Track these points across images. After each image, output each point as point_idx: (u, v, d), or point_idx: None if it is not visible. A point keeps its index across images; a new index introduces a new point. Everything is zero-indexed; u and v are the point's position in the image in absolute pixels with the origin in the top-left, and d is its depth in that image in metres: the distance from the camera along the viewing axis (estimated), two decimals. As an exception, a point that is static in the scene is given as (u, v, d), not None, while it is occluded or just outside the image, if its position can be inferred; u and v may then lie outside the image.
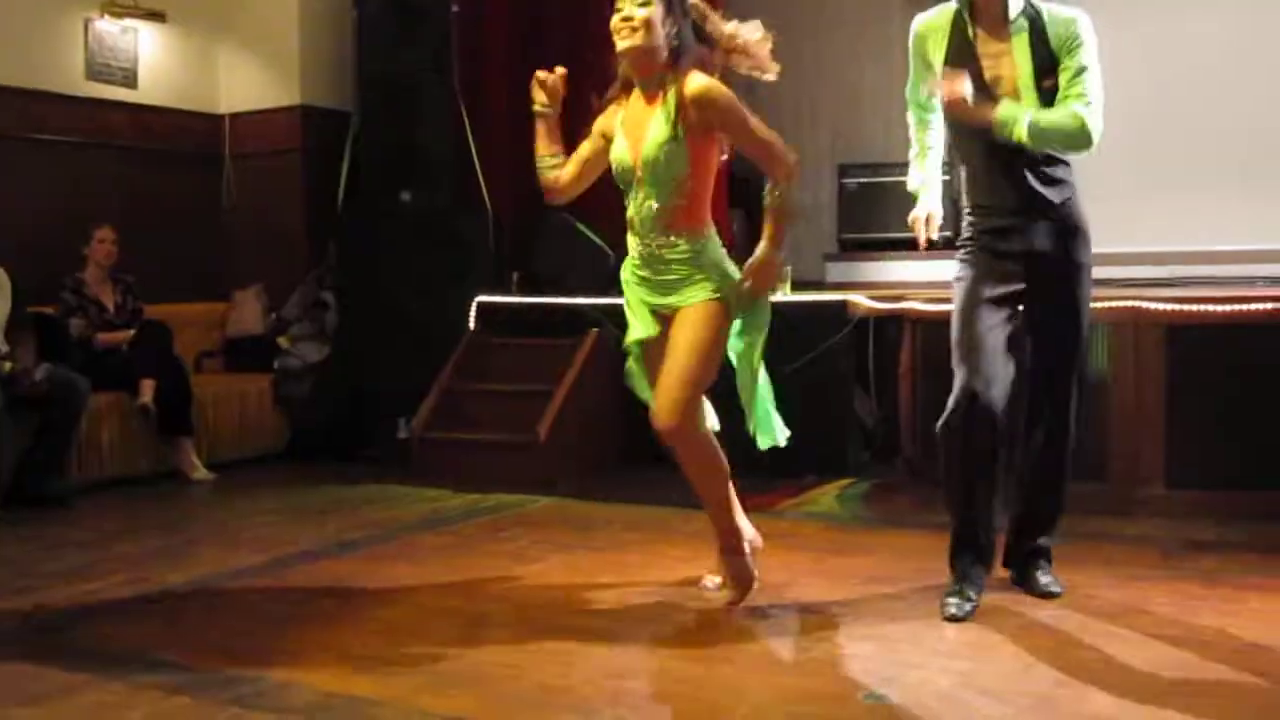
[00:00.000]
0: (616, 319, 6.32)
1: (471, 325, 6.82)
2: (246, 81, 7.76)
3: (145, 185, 7.28)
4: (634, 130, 3.62)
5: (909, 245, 7.54)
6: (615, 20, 3.58)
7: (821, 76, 8.14)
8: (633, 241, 3.71)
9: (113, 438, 6.10)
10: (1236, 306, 5.01)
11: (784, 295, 6.10)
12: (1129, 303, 5.14)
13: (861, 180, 7.57)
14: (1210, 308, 5.03)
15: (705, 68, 3.60)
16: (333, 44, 7.63)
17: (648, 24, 3.51)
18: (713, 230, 3.70)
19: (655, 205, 3.59)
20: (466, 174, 7.33)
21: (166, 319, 6.69)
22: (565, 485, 5.82)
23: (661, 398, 3.55)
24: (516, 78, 7.89)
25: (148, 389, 6.13)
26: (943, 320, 5.73)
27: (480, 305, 6.84)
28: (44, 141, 6.84)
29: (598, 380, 6.31)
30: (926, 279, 7.28)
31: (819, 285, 7.20)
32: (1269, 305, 4.97)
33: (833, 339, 5.93)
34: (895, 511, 5.37)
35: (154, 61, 7.45)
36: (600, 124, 3.77)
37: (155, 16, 7.33)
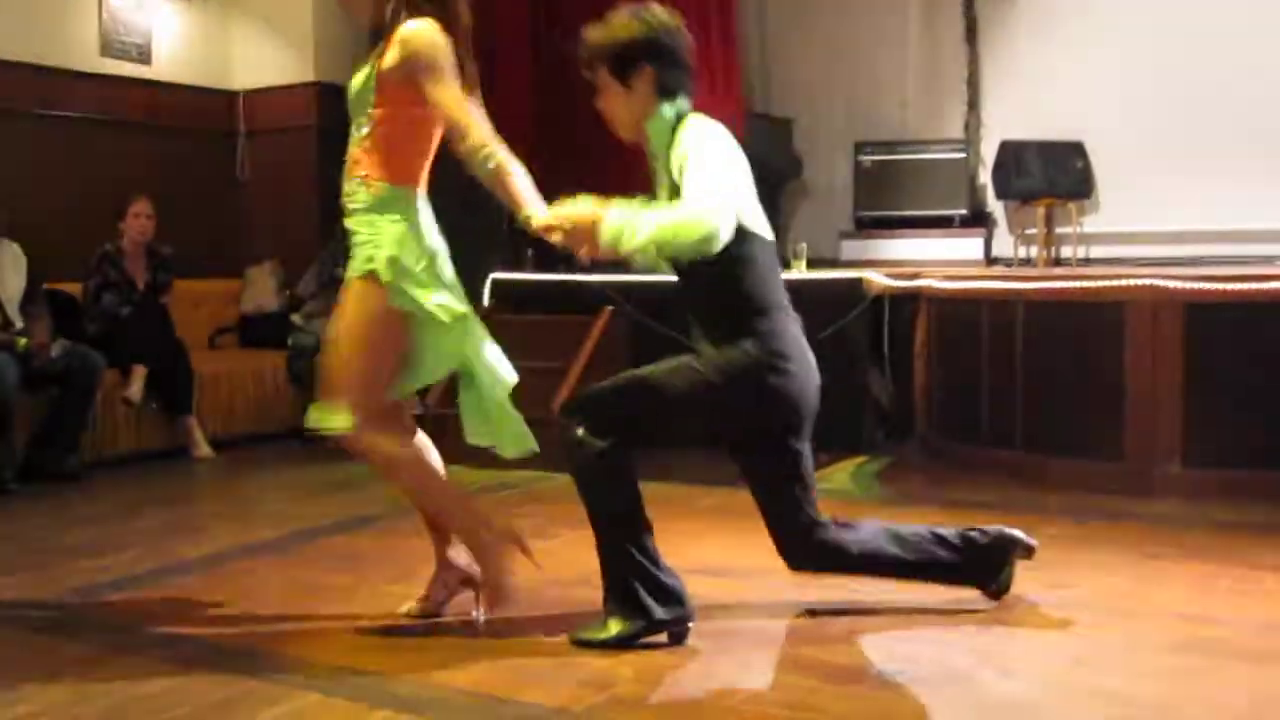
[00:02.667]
0: (632, 295, 6.34)
1: (486, 302, 6.81)
2: (261, 58, 7.76)
3: (159, 162, 7.28)
4: None
5: (924, 223, 7.58)
6: None
7: (837, 55, 8.10)
8: None
9: (126, 413, 6.10)
10: (1255, 285, 4.98)
11: (800, 274, 6.08)
12: (1147, 281, 5.11)
13: (877, 158, 7.55)
14: (1229, 286, 5.00)
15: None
16: (348, 20, 7.58)
17: None
18: (410, 197, 3.42)
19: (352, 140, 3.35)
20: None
21: (181, 295, 6.70)
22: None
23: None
24: (533, 52, 7.92)
25: (138, 377, 6.07)
26: (959, 298, 5.74)
27: (495, 282, 6.83)
28: (58, 118, 6.85)
29: (613, 357, 6.29)
30: (942, 257, 7.27)
31: (834, 263, 7.19)
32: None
33: (848, 317, 5.91)
34: (910, 489, 5.36)
35: (169, 38, 7.45)
36: None
37: (170, -8, 7.34)
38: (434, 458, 3.54)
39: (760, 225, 3.19)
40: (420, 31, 3.23)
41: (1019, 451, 5.41)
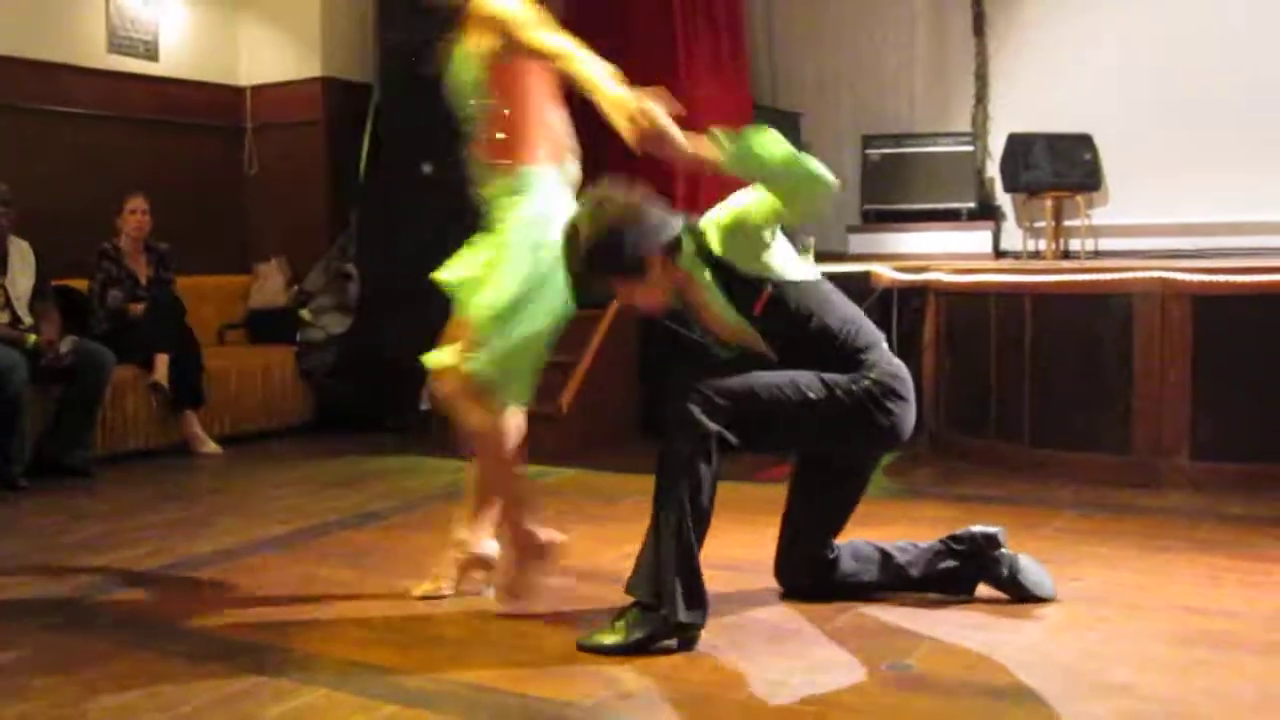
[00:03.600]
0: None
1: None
2: (268, 53, 7.76)
3: (167, 158, 7.29)
4: None
5: (932, 217, 7.57)
6: None
7: (844, 48, 8.09)
8: None
9: (136, 410, 6.12)
10: (1264, 277, 4.96)
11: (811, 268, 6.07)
12: (1156, 273, 5.10)
13: (885, 151, 7.54)
14: (1237, 278, 4.98)
15: None
16: (355, 15, 7.62)
17: None
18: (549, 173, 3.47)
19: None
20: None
21: (189, 291, 6.72)
22: (588, 457, 5.81)
23: None
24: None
25: (162, 364, 6.14)
26: (967, 291, 5.73)
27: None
28: (66, 114, 6.86)
29: (620, 352, 6.31)
30: (950, 250, 7.26)
31: (842, 257, 7.18)
32: (1296, 276, 4.93)
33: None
34: (917, 482, 5.36)
35: (175, 33, 7.46)
36: None
37: (176, -12, 7.34)
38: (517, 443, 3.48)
39: (803, 271, 3.27)
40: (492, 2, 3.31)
41: (1027, 445, 5.40)
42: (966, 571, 3.45)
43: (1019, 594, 3.41)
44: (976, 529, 3.44)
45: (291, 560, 4.10)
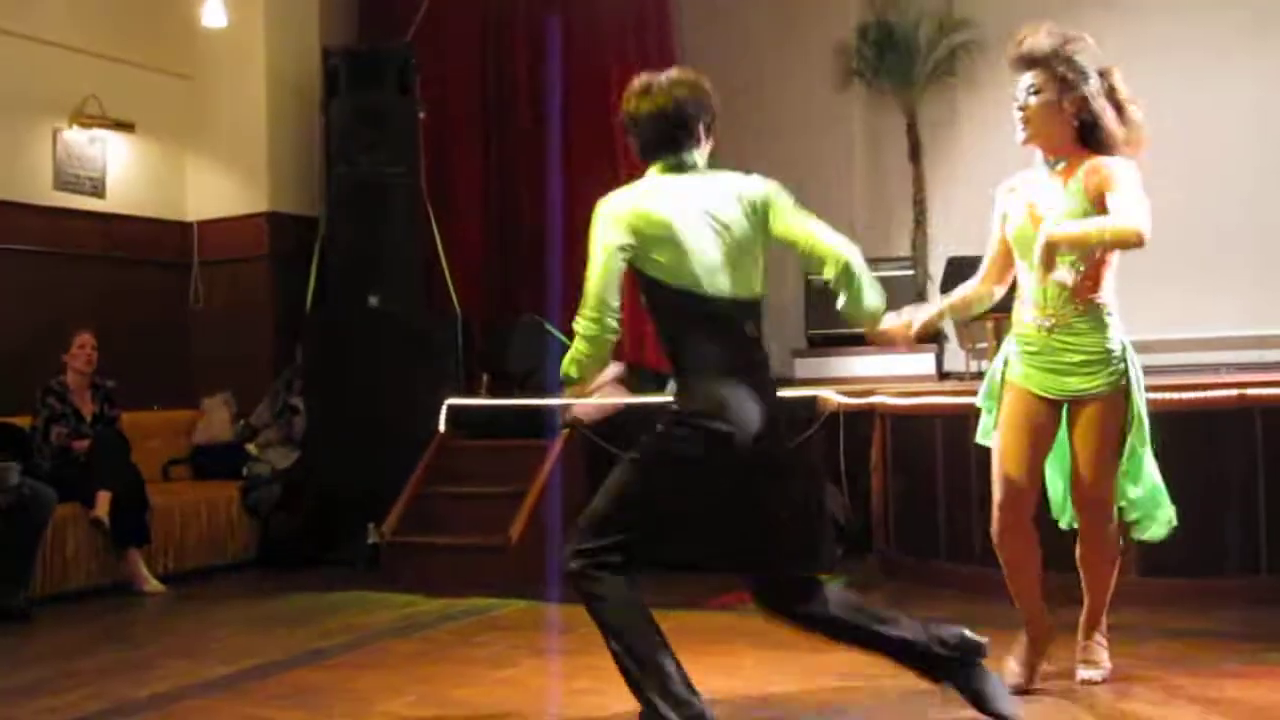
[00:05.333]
0: (590, 419, 6.35)
1: (442, 427, 6.79)
2: (215, 189, 7.81)
3: (114, 294, 7.27)
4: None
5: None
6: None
7: (785, 175, 8.21)
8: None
9: (77, 548, 6.01)
10: (1199, 394, 5.05)
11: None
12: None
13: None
14: (1174, 396, 5.06)
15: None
16: (301, 150, 7.70)
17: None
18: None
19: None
20: (435, 277, 7.38)
21: (134, 426, 6.65)
22: (538, 588, 5.74)
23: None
24: (483, 179, 8.05)
25: (104, 502, 6.03)
26: (913, 414, 5.78)
27: (450, 408, 6.82)
28: (12, 251, 6.84)
29: (571, 480, 6.29)
30: (895, 373, 7.33)
31: (788, 381, 7.22)
32: (1234, 392, 5.02)
33: (804, 434, 5.94)
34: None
35: (123, 170, 7.50)
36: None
37: (124, 126, 7.39)
38: None
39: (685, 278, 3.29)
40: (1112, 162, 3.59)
41: (976, 565, 5.40)
42: (941, 666, 3.39)
43: (983, 708, 3.37)
44: (967, 633, 3.40)
45: (235, 703, 4.00)
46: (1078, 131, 3.62)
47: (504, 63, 8.04)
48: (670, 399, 3.32)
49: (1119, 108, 3.62)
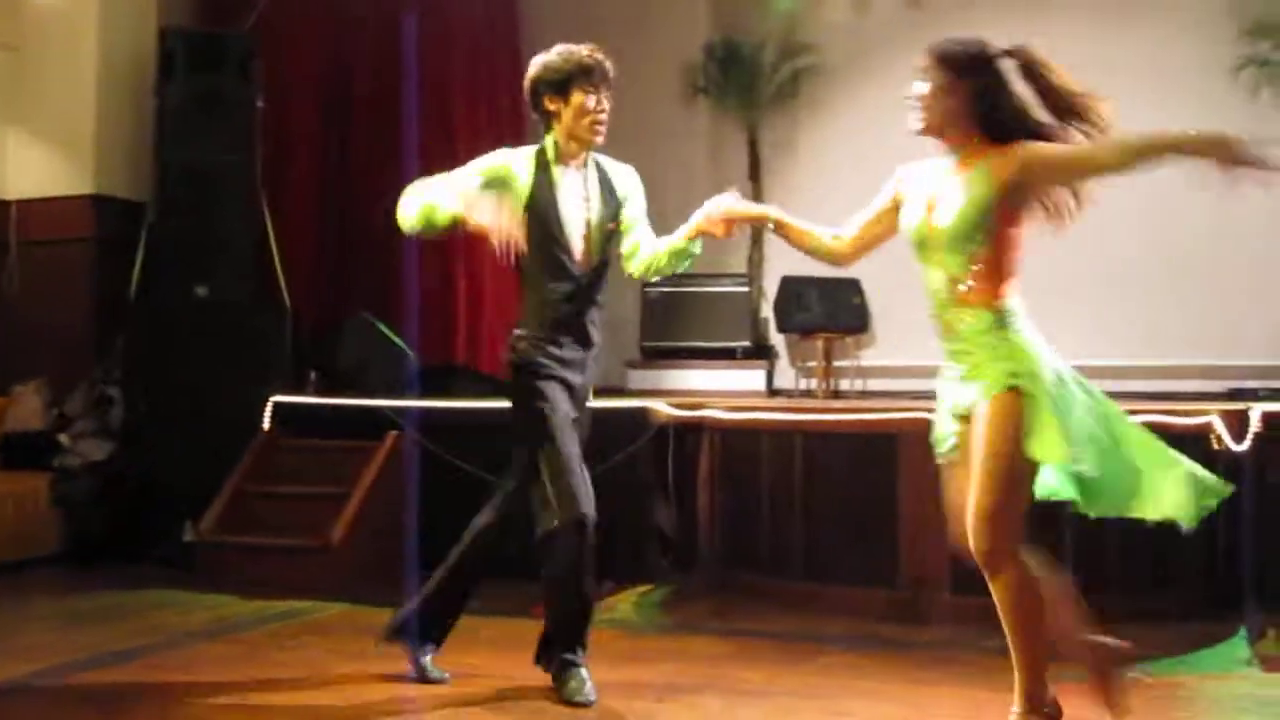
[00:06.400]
0: (415, 420, 6.27)
1: (266, 425, 6.63)
2: (37, 167, 7.47)
3: (-81, 272, 6.92)
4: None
5: (709, 354, 7.76)
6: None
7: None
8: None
9: None
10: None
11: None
12: (918, 414, 5.30)
13: (664, 289, 7.68)
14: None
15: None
16: (131, 133, 7.43)
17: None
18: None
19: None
20: (266, 269, 7.21)
21: (-63, 412, 6.34)
22: (359, 591, 5.65)
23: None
24: (321, 172, 7.90)
25: None
26: (741, 428, 5.86)
27: (276, 405, 6.66)
28: None
29: (397, 483, 6.19)
30: (726, 387, 7.43)
31: (621, 392, 7.25)
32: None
33: (633, 446, 5.96)
34: (692, 618, 5.37)
35: (-65, 142, 7.14)
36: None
37: (-61, 95, 7.04)
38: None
39: None
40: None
41: (797, 580, 5.51)
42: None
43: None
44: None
45: (34, 702, 3.84)
46: (978, 120, 3.27)
47: (349, 55, 7.92)
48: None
49: (1049, 87, 3.26)
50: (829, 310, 7.47)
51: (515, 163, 3.98)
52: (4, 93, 7.47)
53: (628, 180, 4.19)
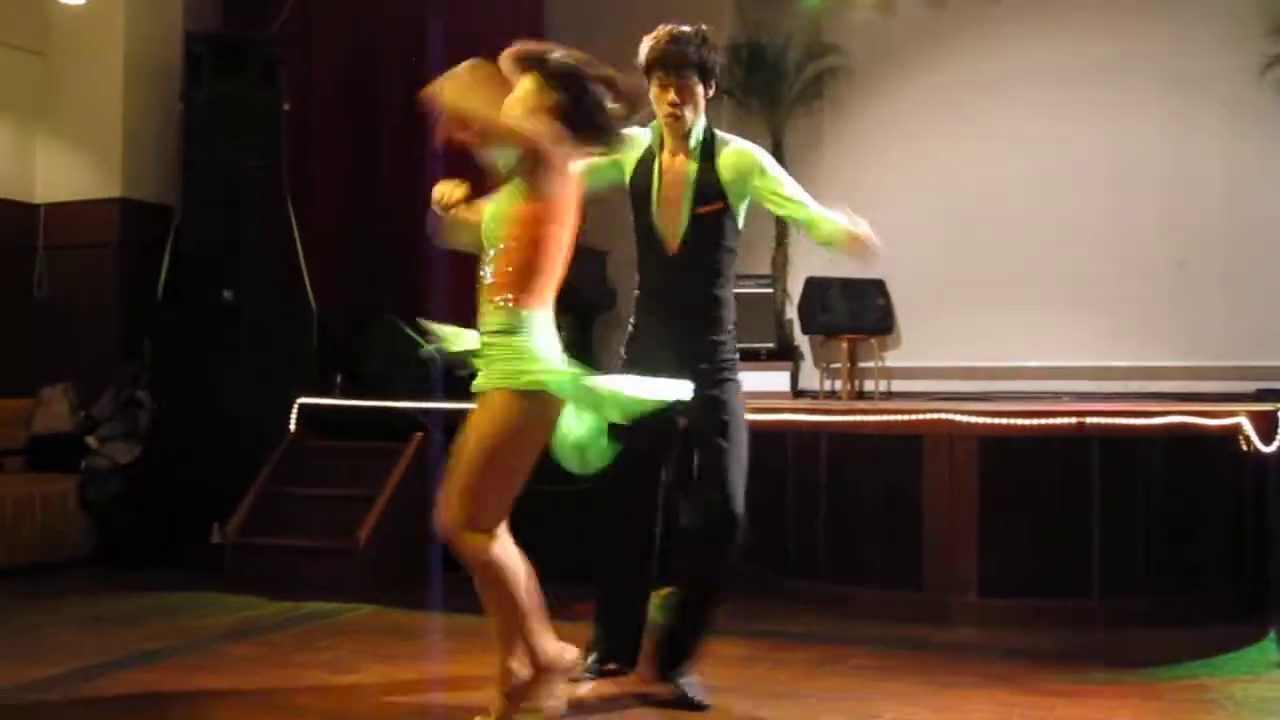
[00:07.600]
0: (441, 422, 6.27)
1: (293, 427, 6.66)
2: (65, 171, 7.54)
3: (-50, 275, 6.97)
4: None
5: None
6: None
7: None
8: None
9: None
10: (1044, 420, 5.21)
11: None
12: (944, 415, 5.30)
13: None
14: (1019, 421, 5.22)
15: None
16: (158, 137, 7.47)
17: None
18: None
19: None
20: (292, 273, 7.24)
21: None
22: (386, 593, 5.67)
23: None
24: (346, 176, 7.93)
25: None
26: (765, 429, 5.84)
27: (302, 407, 6.69)
28: None
29: (422, 485, 6.20)
30: (750, 389, 7.39)
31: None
32: (1073, 420, 5.18)
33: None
34: (720, 619, 5.35)
35: (-34, 148, 7.20)
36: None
37: (-31, 101, 7.10)
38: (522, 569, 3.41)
39: None
40: None
41: (824, 581, 5.49)
42: None
43: None
44: None
45: (65, 703, 3.86)
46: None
47: (374, 58, 7.95)
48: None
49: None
50: (853, 311, 7.46)
51: (635, 139, 4.03)
52: (32, 98, 7.53)
53: (740, 161, 4.18)
